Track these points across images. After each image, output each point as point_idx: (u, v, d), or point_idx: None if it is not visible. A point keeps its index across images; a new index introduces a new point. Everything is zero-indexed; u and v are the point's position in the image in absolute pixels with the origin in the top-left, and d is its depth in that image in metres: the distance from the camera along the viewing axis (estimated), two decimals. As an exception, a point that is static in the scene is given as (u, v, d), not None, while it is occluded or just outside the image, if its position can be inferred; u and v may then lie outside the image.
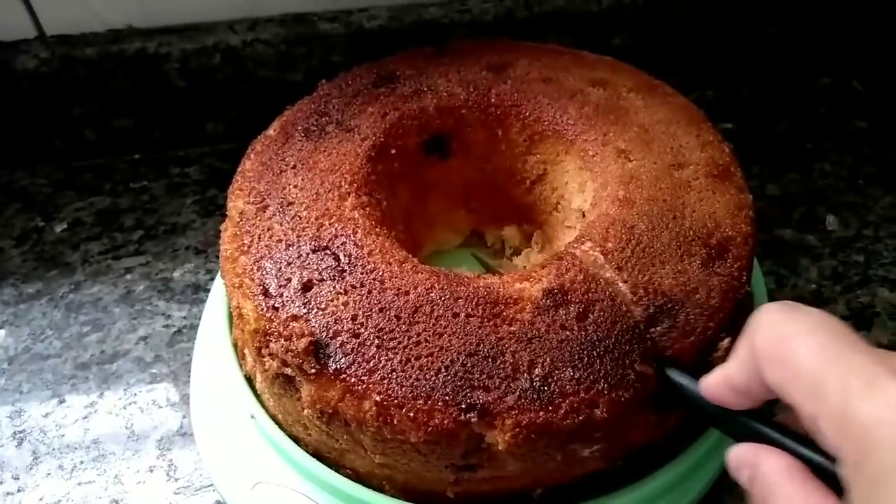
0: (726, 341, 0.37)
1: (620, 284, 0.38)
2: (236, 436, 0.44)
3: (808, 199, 0.61)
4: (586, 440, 0.35)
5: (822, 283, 0.55)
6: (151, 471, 0.45)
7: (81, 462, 0.45)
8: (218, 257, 0.57)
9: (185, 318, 0.53)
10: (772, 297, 0.49)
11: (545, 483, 0.39)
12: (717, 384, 0.32)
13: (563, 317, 0.37)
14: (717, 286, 0.38)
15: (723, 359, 0.37)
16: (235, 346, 0.46)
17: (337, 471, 0.40)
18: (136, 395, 0.49)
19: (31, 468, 0.45)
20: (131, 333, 0.52)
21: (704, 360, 0.37)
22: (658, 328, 0.37)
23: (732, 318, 0.38)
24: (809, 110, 0.69)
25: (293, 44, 0.63)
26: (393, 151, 0.47)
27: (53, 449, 0.46)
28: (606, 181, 0.43)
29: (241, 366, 0.45)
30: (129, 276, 0.56)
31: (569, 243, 0.40)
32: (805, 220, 0.59)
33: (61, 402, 0.49)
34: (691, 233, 0.40)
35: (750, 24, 0.69)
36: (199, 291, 0.55)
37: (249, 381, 0.44)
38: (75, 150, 0.66)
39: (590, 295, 0.38)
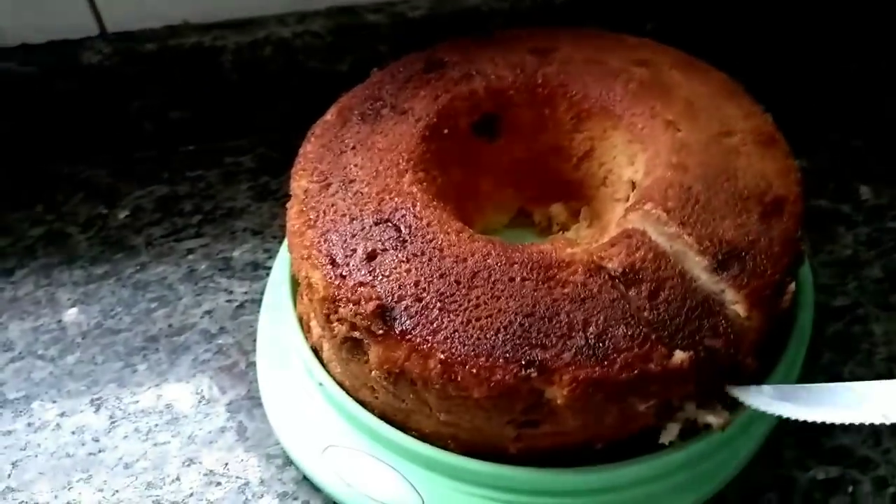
0: (793, 285, 0.40)
1: (686, 237, 0.40)
2: (304, 403, 0.46)
3: (841, 172, 0.63)
4: (642, 394, 0.37)
5: (858, 249, 0.57)
6: (223, 431, 0.48)
7: (156, 425, 0.48)
8: (274, 238, 0.60)
9: (246, 293, 0.56)
10: (810, 263, 0.51)
11: (604, 438, 0.41)
12: None
13: (635, 296, 0.38)
14: (776, 237, 0.41)
15: (789, 302, 0.40)
16: (300, 319, 0.48)
17: (404, 432, 0.43)
18: (203, 363, 0.52)
19: (109, 431, 0.48)
20: (196, 308, 0.55)
21: (776, 303, 0.39)
22: (729, 272, 0.39)
23: (793, 267, 0.41)
24: (839, 90, 0.71)
25: (340, 35, 0.66)
26: (445, 131, 0.49)
27: (129, 413, 0.49)
28: (658, 150, 0.45)
29: (306, 337, 0.47)
30: (190, 257, 0.59)
31: (630, 205, 0.43)
32: (839, 191, 0.61)
33: (134, 371, 0.51)
34: (746, 192, 0.42)
35: (779, 9, 0.71)
36: (258, 269, 0.58)
37: (315, 352, 0.47)
38: (134, 142, 0.69)
39: (660, 273, 0.39)
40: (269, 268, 0.55)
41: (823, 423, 0.35)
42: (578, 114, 0.50)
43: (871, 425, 0.45)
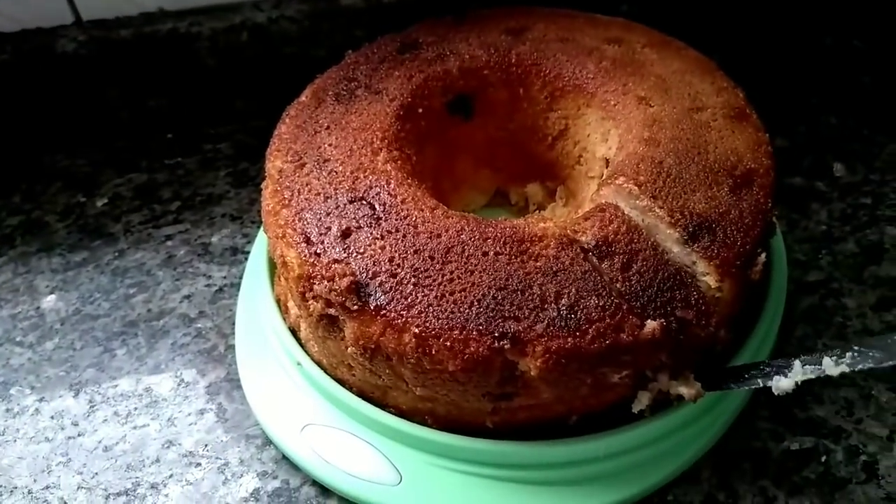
0: (763, 256, 0.40)
1: (657, 210, 0.40)
2: (282, 383, 0.46)
3: (815, 149, 0.64)
4: (614, 364, 0.38)
5: (832, 224, 0.57)
6: (202, 413, 0.48)
7: (135, 408, 0.48)
8: (253, 223, 0.60)
9: (225, 277, 0.56)
10: (785, 239, 0.51)
11: (579, 410, 0.41)
12: None
13: (607, 268, 0.39)
14: (747, 209, 0.41)
15: (760, 273, 0.40)
16: (278, 301, 0.49)
17: (382, 409, 0.43)
18: (182, 346, 0.52)
19: (88, 415, 0.48)
20: (175, 293, 0.55)
21: (746, 274, 0.40)
22: (700, 243, 0.39)
23: (764, 238, 0.41)
24: (814, 69, 0.71)
25: (316, 19, 0.66)
26: (420, 111, 0.49)
27: (108, 398, 0.49)
28: (630, 126, 0.46)
29: (284, 319, 0.48)
30: (169, 243, 0.59)
31: (603, 180, 0.43)
32: (813, 168, 0.62)
33: (113, 356, 0.51)
34: (717, 165, 0.43)
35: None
36: (236, 254, 0.58)
37: (293, 332, 0.47)
38: (112, 131, 0.69)
39: (633, 245, 0.40)
40: (248, 252, 0.55)
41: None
42: (552, 92, 0.50)
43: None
